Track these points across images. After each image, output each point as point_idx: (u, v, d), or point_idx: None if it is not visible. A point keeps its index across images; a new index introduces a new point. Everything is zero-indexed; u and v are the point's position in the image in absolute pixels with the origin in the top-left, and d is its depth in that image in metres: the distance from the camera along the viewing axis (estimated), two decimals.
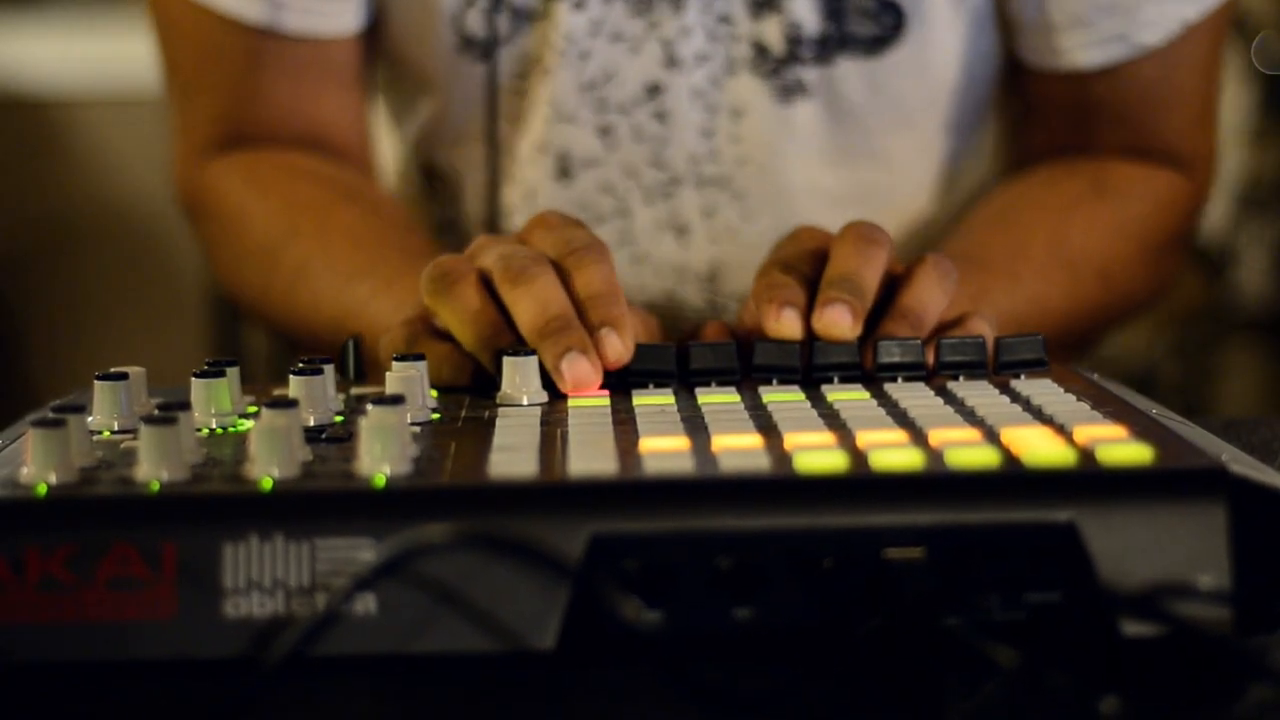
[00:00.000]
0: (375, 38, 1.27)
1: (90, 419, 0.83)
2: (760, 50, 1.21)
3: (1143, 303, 1.29)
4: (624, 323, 0.91)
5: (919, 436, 0.78)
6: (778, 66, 1.21)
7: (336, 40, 1.24)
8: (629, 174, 1.24)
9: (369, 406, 0.77)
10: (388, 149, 1.36)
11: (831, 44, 1.21)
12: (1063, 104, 1.26)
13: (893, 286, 0.97)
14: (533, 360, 0.89)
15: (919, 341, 0.92)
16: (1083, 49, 1.22)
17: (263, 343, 3.13)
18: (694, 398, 0.89)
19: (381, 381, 0.87)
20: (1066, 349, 1.23)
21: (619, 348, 0.90)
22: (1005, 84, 1.27)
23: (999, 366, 0.92)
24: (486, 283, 0.94)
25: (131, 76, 3.39)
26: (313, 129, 1.26)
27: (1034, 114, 1.27)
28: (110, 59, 3.41)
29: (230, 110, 1.26)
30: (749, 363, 0.93)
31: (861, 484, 0.72)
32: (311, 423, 0.83)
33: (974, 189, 1.29)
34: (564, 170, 1.24)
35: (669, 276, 1.25)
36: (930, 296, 0.96)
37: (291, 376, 0.85)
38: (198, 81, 1.27)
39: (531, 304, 0.91)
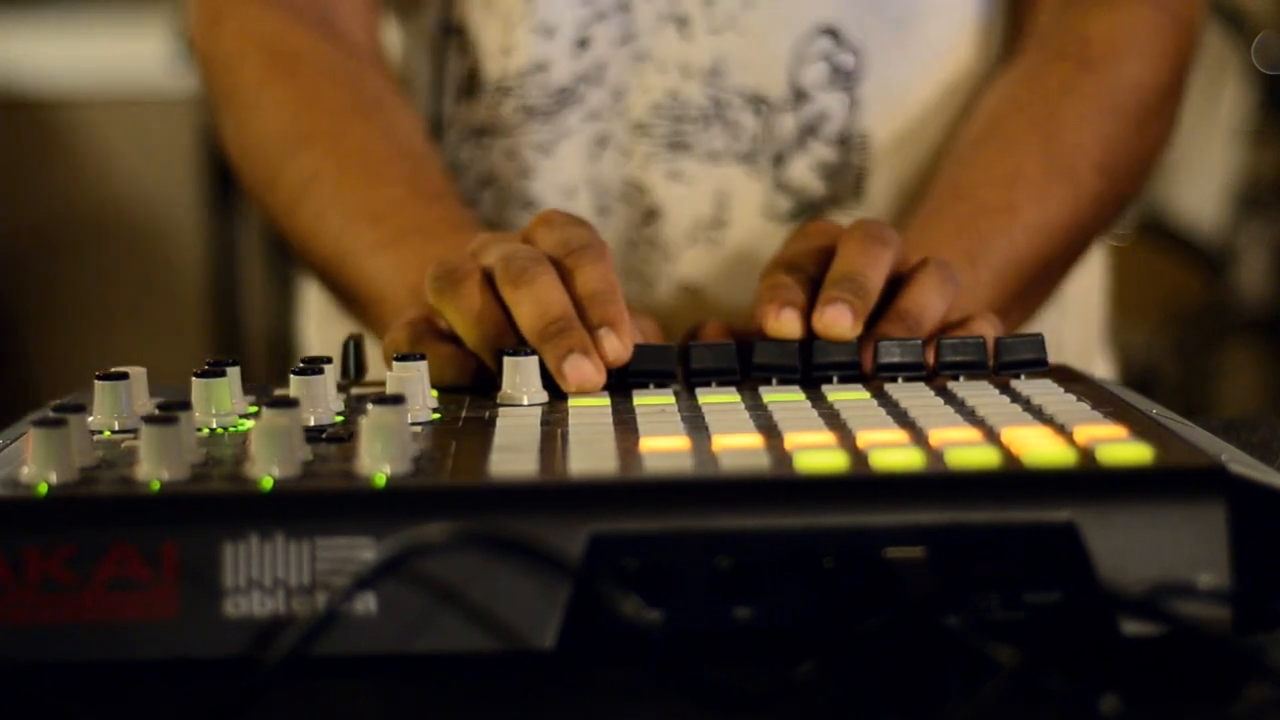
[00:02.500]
0: None
1: (90, 419, 0.83)
2: None
3: (1142, 178, 1.24)
4: (622, 321, 0.91)
5: (919, 436, 0.78)
6: None
7: None
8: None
9: (369, 406, 0.77)
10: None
11: None
12: None
13: (894, 287, 0.97)
14: (533, 360, 0.89)
15: (919, 341, 0.92)
16: None
17: (262, 343, 3.13)
18: (694, 398, 0.89)
19: (382, 358, 0.86)
20: (1073, 263, 1.20)
21: (617, 347, 0.91)
22: None
23: (999, 366, 0.92)
24: (490, 282, 0.94)
25: (131, 76, 3.39)
26: (334, 12, 1.22)
27: None
28: (110, 59, 3.41)
29: None
30: (749, 363, 0.93)
31: (861, 484, 0.72)
32: (312, 422, 0.83)
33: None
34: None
35: (672, 74, 1.21)
36: (929, 300, 0.96)
37: (292, 376, 0.85)
38: None
39: (532, 305, 0.91)
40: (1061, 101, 1.18)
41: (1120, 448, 0.74)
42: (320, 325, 1.34)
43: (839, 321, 0.92)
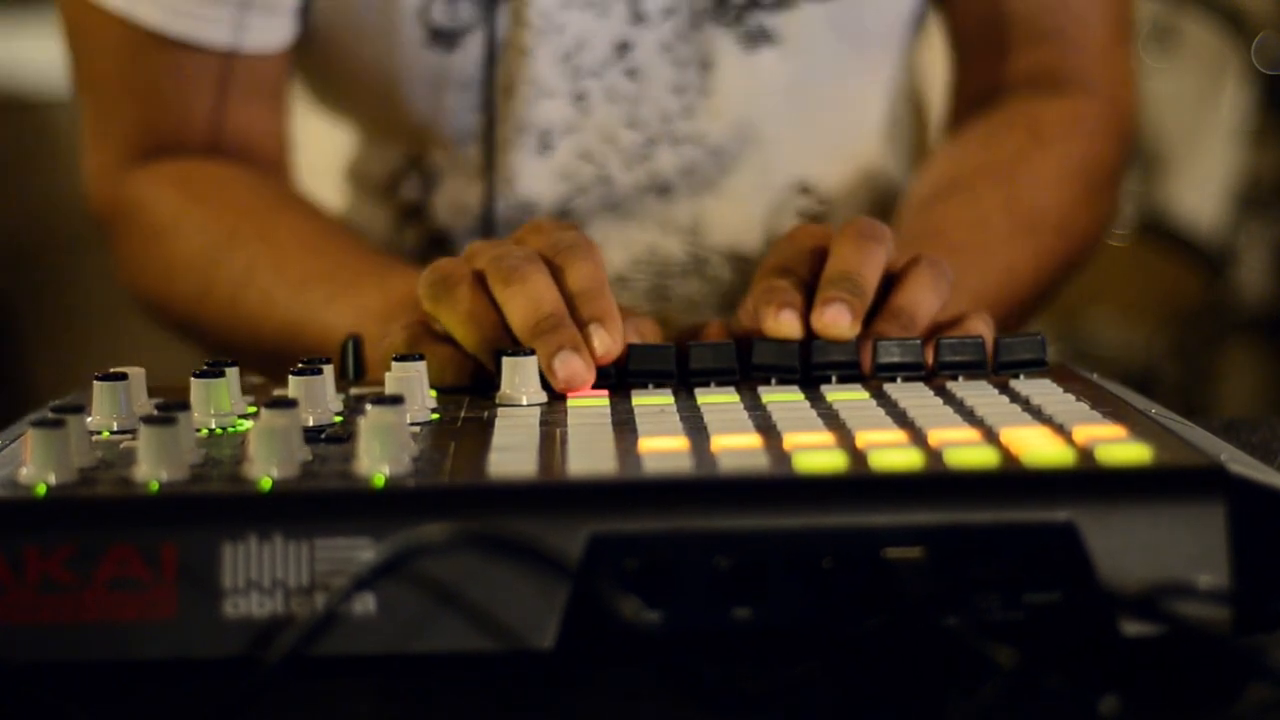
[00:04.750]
0: (310, 50, 1.25)
1: (90, 419, 0.83)
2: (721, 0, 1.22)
3: (1094, 244, 1.30)
4: (612, 316, 0.91)
5: (918, 436, 0.78)
6: (740, 14, 1.23)
7: (263, 55, 1.22)
8: (606, 138, 1.24)
9: (368, 406, 0.77)
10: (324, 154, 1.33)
11: None
12: (979, 22, 1.27)
13: (888, 285, 0.97)
14: (532, 360, 0.89)
15: (918, 341, 0.92)
16: None
17: None
18: (693, 398, 0.89)
19: (373, 383, 0.87)
20: (1032, 309, 1.25)
21: (607, 342, 0.91)
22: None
23: (998, 366, 0.92)
24: (483, 284, 0.94)
25: None
26: (235, 140, 1.23)
27: (956, 47, 1.29)
28: None
29: (151, 120, 1.23)
30: (748, 363, 0.93)
31: (861, 484, 0.72)
32: (311, 423, 0.83)
33: (909, 138, 1.33)
34: (545, 144, 1.24)
35: (652, 229, 1.26)
36: (923, 297, 0.96)
37: (291, 376, 0.85)
38: (117, 90, 1.23)
39: (524, 303, 0.92)
40: (1018, 168, 1.24)
41: (1119, 448, 0.74)
42: None
43: (838, 321, 0.92)
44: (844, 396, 0.87)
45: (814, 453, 0.74)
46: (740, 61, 1.23)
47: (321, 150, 1.32)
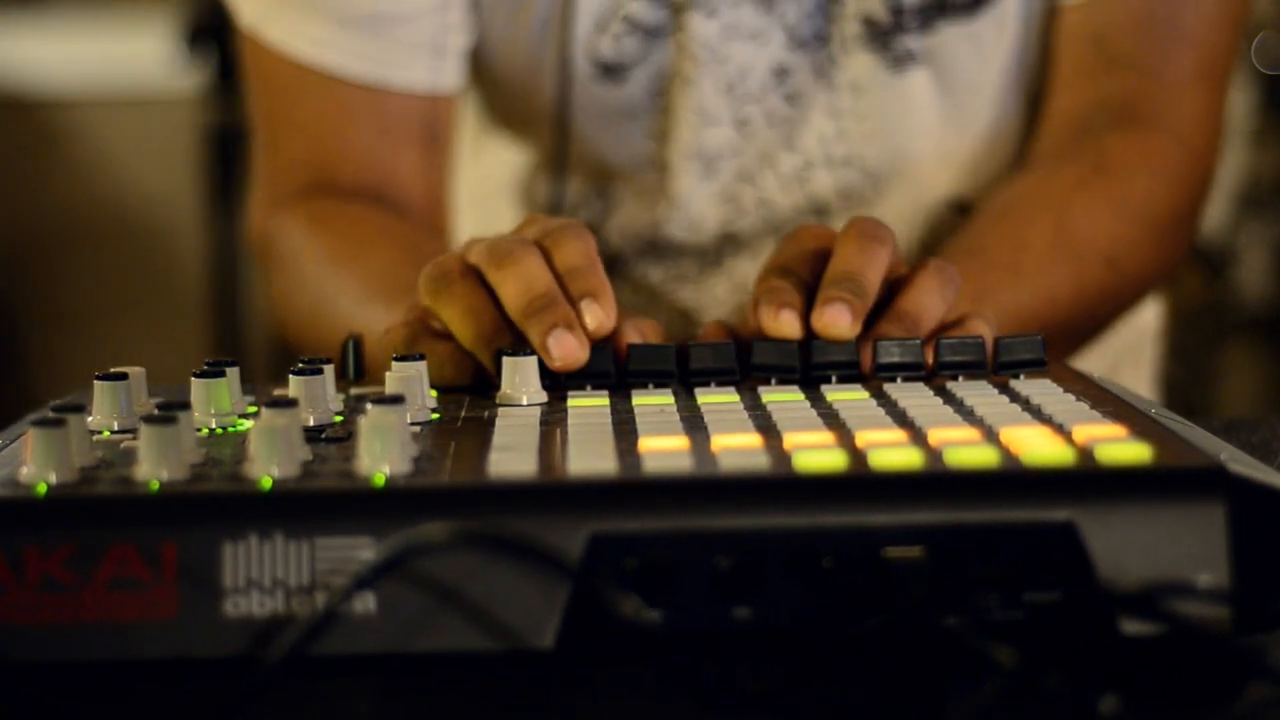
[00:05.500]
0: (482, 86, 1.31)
1: (90, 419, 0.83)
2: (869, 24, 1.25)
3: (1151, 284, 1.29)
4: (604, 292, 0.92)
5: (918, 436, 0.78)
6: (886, 39, 1.26)
7: (429, 97, 1.27)
8: (766, 162, 1.28)
9: (369, 406, 0.77)
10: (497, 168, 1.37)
11: (932, 10, 1.25)
12: (1071, 38, 1.27)
13: (894, 288, 0.97)
14: (532, 360, 0.89)
15: (918, 341, 0.92)
16: None
17: (262, 343, 3.13)
18: (693, 398, 0.89)
19: (382, 384, 0.87)
20: (1078, 339, 1.24)
21: (600, 315, 0.91)
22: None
23: (998, 366, 0.92)
24: (481, 279, 0.95)
25: (131, 76, 3.39)
26: (390, 185, 1.28)
27: (1049, 68, 1.29)
28: (110, 59, 3.41)
29: (313, 158, 1.28)
30: (748, 363, 0.93)
31: (861, 483, 0.72)
32: (311, 422, 0.83)
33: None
34: (709, 168, 1.28)
35: None
36: (929, 301, 0.96)
37: (291, 376, 0.85)
38: (286, 128, 1.29)
39: (516, 283, 0.92)
40: (1074, 196, 1.23)
41: (1120, 447, 0.74)
42: None
43: (838, 321, 0.92)
44: (844, 396, 0.87)
45: (814, 452, 0.74)
46: (889, 84, 1.26)
47: (493, 171, 1.36)
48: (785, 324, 0.93)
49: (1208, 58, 1.27)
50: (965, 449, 0.74)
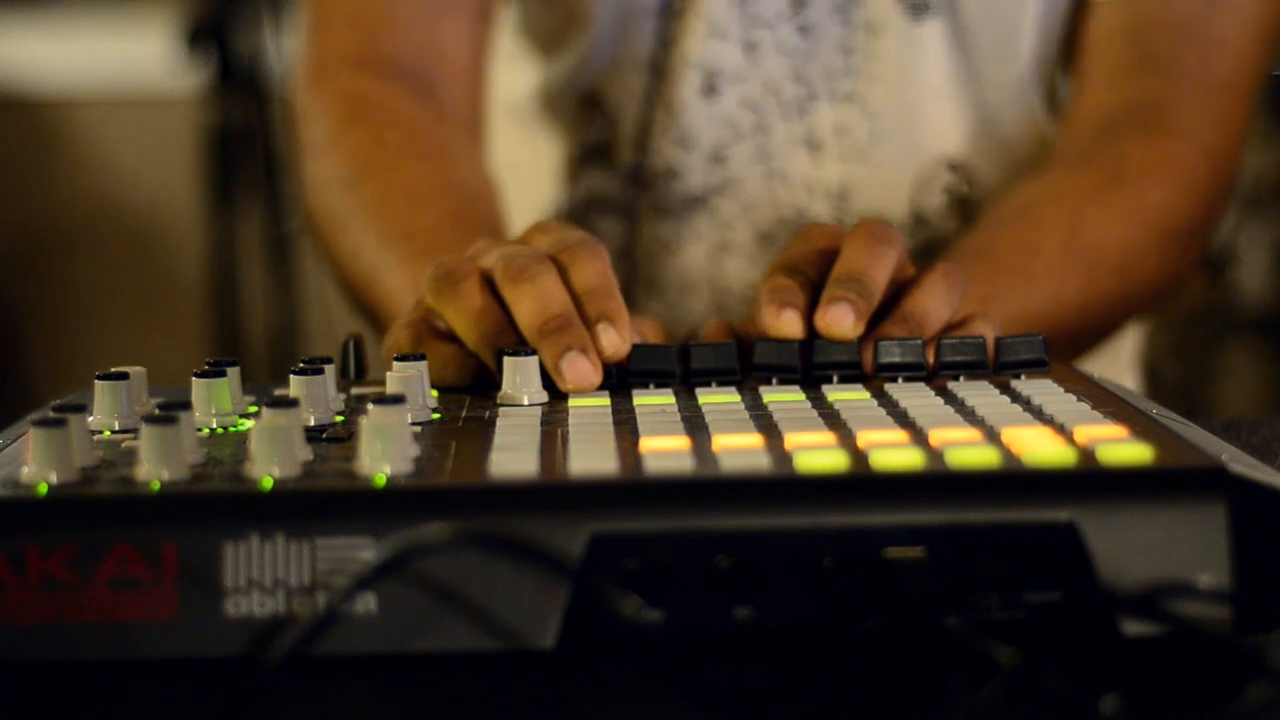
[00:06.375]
0: None
1: (91, 419, 0.83)
2: None
3: (1161, 293, 1.29)
4: (620, 316, 0.91)
5: (919, 436, 0.78)
6: None
7: None
8: (770, 90, 1.28)
9: (369, 406, 0.77)
10: (522, 83, 1.38)
11: None
12: (1104, 31, 1.27)
13: (900, 290, 0.97)
14: (533, 360, 0.89)
15: (919, 341, 0.92)
16: None
17: (262, 343, 3.13)
18: (694, 398, 0.89)
19: (383, 379, 0.87)
20: (1085, 344, 1.24)
21: (616, 341, 0.91)
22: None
23: (999, 366, 0.92)
24: (489, 283, 0.94)
25: (131, 76, 3.39)
26: (434, 58, 1.29)
27: (1076, 61, 1.29)
28: (110, 59, 3.41)
29: (360, 24, 1.29)
30: (749, 363, 0.93)
31: (861, 484, 0.72)
32: (312, 422, 0.83)
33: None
34: (710, 86, 1.28)
35: (800, 192, 1.29)
36: (935, 304, 0.96)
37: (292, 376, 0.85)
38: None
39: (532, 302, 0.91)
40: (1088, 202, 1.23)
41: (1120, 448, 0.74)
42: None
43: (841, 321, 0.92)
44: (845, 396, 0.87)
45: (815, 452, 0.74)
46: (905, 30, 1.27)
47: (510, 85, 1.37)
48: (787, 324, 0.93)
49: (1239, 66, 1.27)
50: (966, 449, 0.74)
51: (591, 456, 0.76)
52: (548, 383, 0.90)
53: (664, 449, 0.77)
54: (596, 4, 1.29)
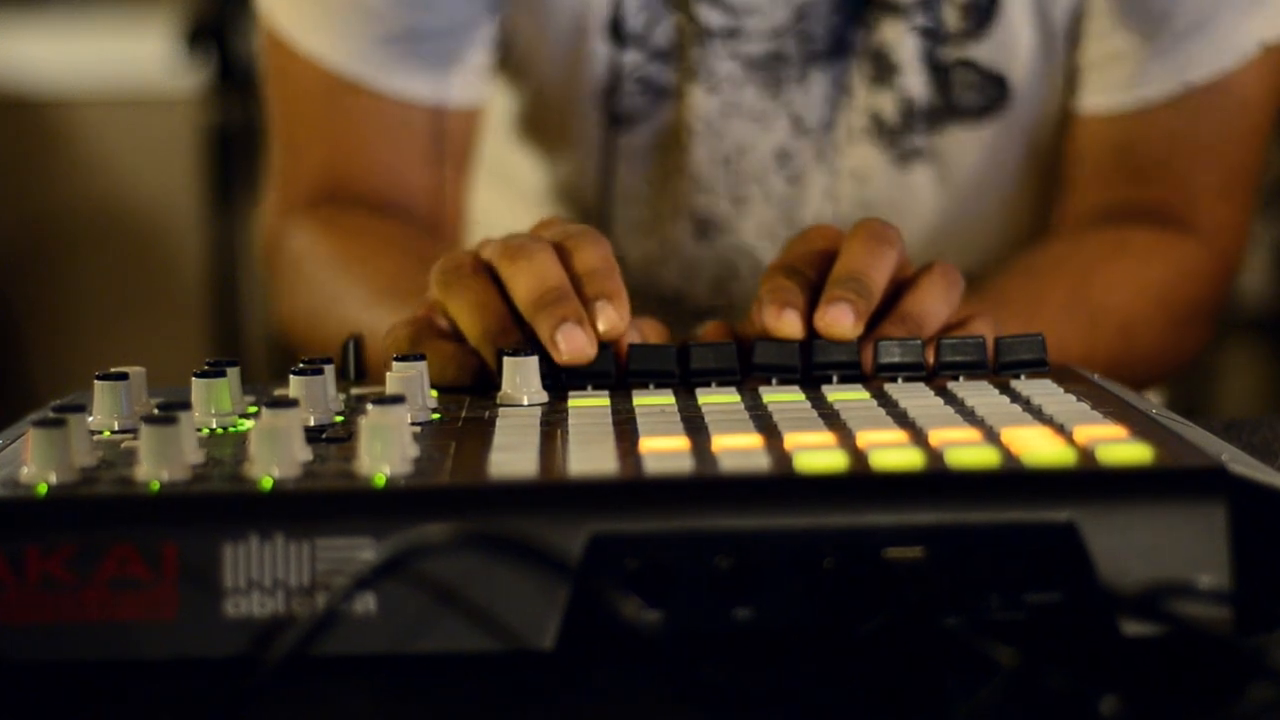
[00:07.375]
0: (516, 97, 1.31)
1: (90, 419, 0.83)
2: (877, 121, 1.26)
3: (1168, 367, 1.30)
4: (619, 296, 0.92)
5: (919, 436, 0.78)
6: (893, 136, 1.27)
7: (451, 110, 1.27)
8: (763, 234, 1.29)
9: (369, 406, 0.77)
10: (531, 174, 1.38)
11: (941, 115, 1.26)
12: (1096, 146, 1.27)
13: (900, 290, 0.97)
14: (533, 360, 0.89)
15: (919, 341, 0.92)
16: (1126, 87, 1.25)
17: (262, 343, 3.13)
18: (694, 398, 0.89)
19: (383, 384, 0.87)
20: None
21: (613, 317, 0.91)
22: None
23: (999, 367, 0.92)
24: (494, 276, 0.95)
25: (131, 76, 3.39)
26: (405, 196, 1.28)
27: (1067, 169, 1.29)
28: (110, 59, 3.41)
29: (331, 164, 1.29)
30: (749, 364, 0.93)
31: (861, 484, 0.72)
32: (311, 423, 0.83)
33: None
34: (703, 232, 1.30)
35: None
36: (933, 304, 0.96)
37: (292, 376, 0.85)
38: (307, 136, 1.30)
39: (528, 278, 0.92)
40: (1094, 268, 1.23)
41: (1120, 448, 0.74)
42: None
43: (840, 321, 0.92)
44: (845, 396, 0.87)
45: (815, 453, 0.74)
46: (892, 177, 1.28)
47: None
48: (787, 324, 0.93)
49: (1234, 173, 1.27)
50: (966, 449, 0.74)
51: (591, 457, 0.76)
52: (548, 383, 0.90)
53: (664, 449, 0.77)
54: (580, 150, 1.29)
